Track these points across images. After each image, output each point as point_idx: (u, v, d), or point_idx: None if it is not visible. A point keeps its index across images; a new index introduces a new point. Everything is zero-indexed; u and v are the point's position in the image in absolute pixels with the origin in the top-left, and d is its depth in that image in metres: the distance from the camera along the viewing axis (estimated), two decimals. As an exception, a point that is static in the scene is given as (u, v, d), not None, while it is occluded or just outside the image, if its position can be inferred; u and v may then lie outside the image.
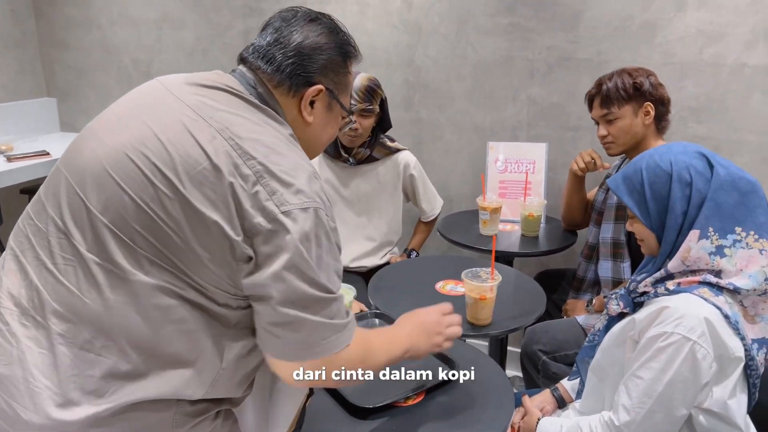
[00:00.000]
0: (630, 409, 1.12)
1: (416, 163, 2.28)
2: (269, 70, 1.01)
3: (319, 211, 0.90)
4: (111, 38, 3.14)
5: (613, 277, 1.98)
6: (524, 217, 2.18)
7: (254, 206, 0.87)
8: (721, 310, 1.07)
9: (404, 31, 2.55)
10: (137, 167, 0.89)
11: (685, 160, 1.13)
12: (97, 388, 0.88)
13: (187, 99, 0.95)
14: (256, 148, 0.90)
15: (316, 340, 0.92)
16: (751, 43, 2.05)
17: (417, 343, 1.13)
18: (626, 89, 1.82)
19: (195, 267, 0.89)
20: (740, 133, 2.14)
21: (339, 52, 1.04)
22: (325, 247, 0.91)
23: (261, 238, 0.87)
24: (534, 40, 2.35)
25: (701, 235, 1.11)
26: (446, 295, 1.71)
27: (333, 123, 1.10)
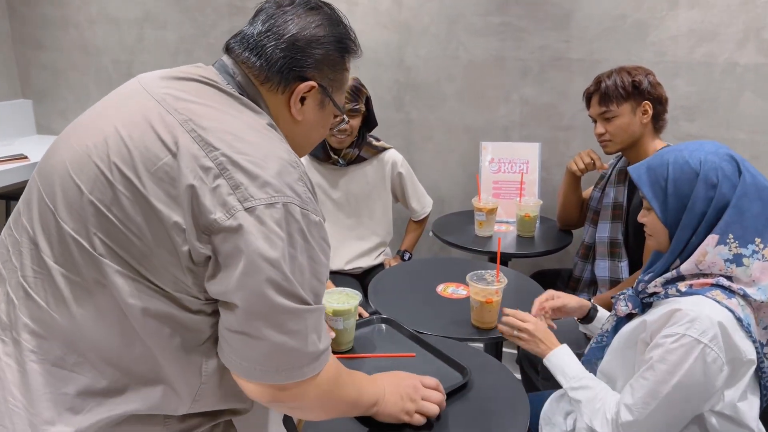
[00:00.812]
0: (633, 408, 1.11)
1: (403, 161, 2.25)
2: (258, 64, 0.92)
3: (290, 206, 0.80)
4: (90, 38, 3.05)
5: (610, 277, 1.97)
6: (520, 217, 2.16)
7: (214, 201, 0.78)
8: (734, 313, 1.06)
9: (394, 31, 2.52)
10: (98, 168, 0.83)
11: (715, 161, 1.11)
12: (72, 406, 0.84)
13: (155, 92, 0.88)
14: (221, 138, 0.82)
15: (275, 364, 0.83)
16: (742, 43, 2.07)
17: (388, 401, 1.04)
18: (625, 87, 1.81)
19: (160, 274, 0.82)
20: (732, 131, 2.15)
21: (337, 47, 0.95)
22: (300, 247, 0.81)
23: (220, 237, 0.78)
24: (526, 40, 2.34)
25: (720, 240, 1.09)
26: (448, 299, 1.68)
27: (324, 122, 1.02)
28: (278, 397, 0.87)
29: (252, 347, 0.82)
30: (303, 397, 0.88)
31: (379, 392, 1.04)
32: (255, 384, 0.85)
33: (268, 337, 0.80)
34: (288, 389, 0.86)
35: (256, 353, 0.82)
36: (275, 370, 0.83)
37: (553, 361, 1.32)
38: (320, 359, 0.87)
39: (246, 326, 0.81)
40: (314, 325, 0.85)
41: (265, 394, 0.86)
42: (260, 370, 0.83)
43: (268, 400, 0.87)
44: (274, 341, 0.81)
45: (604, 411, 1.18)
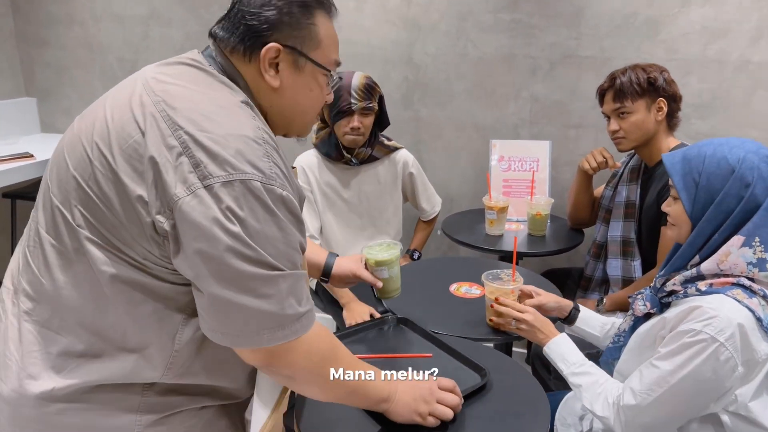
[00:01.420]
0: (637, 393, 1.11)
1: (414, 161, 2.24)
2: (224, 36, 0.96)
3: (250, 183, 0.83)
4: (94, 35, 3.03)
5: (623, 276, 1.96)
6: (531, 216, 2.15)
7: (176, 178, 0.83)
8: (754, 312, 1.05)
9: (403, 28, 2.50)
10: (83, 147, 0.91)
11: (754, 161, 1.10)
12: (54, 365, 0.91)
13: (147, 77, 0.94)
14: (188, 117, 0.86)
15: (255, 326, 0.86)
16: (755, 40, 2.05)
17: (400, 400, 1.04)
18: (640, 84, 1.79)
19: (129, 244, 0.87)
20: (744, 129, 2.14)
21: (295, 3, 0.95)
22: (264, 220, 0.84)
23: (180, 212, 0.82)
24: (536, 37, 2.32)
25: (745, 242, 1.08)
26: (462, 298, 1.67)
27: (313, 85, 1.00)
28: (270, 362, 0.90)
29: (229, 315, 0.85)
30: (293, 365, 0.91)
31: (392, 390, 1.04)
32: (247, 350, 0.89)
33: (243, 302, 0.84)
34: (278, 355, 0.89)
35: (235, 320, 0.85)
36: (256, 332, 0.86)
37: (553, 348, 1.34)
38: (301, 321, 0.89)
39: (219, 295, 0.84)
40: (291, 289, 0.87)
41: (258, 359, 0.90)
42: (243, 337, 0.86)
43: (262, 365, 0.91)
44: (249, 306, 0.84)
45: (606, 395, 1.19)
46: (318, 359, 0.94)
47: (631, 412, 1.13)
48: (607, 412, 1.17)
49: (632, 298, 1.27)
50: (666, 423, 1.12)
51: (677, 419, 1.12)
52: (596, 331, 1.48)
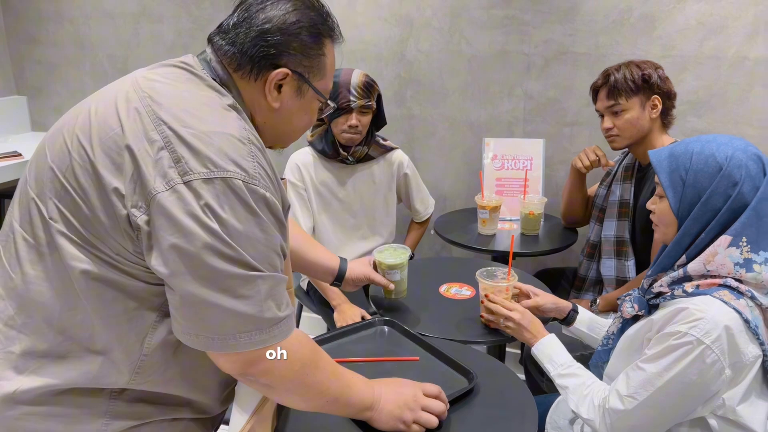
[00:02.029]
0: (624, 396, 1.09)
1: (409, 161, 2.22)
2: (231, 52, 0.94)
3: (231, 181, 0.82)
4: (85, 33, 2.99)
5: (617, 276, 1.93)
6: (524, 215, 2.12)
7: (155, 172, 0.81)
8: (741, 314, 1.02)
9: (395, 25, 2.47)
10: (63, 139, 0.90)
11: (742, 159, 1.07)
12: (16, 365, 0.88)
13: (137, 74, 0.93)
14: (172, 113, 0.85)
15: (232, 329, 0.83)
16: (751, 36, 2.02)
17: (383, 408, 1.02)
18: (635, 81, 1.76)
19: (103, 239, 0.85)
20: (740, 126, 2.11)
21: (310, 33, 0.96)
22: (244, 219, 0.83)
23: (157, 207, 0.80)
24: (530, 34, 2.29)
25: (732, 242, 1.06)
26: (451, 299, 1.64)
27: (308, 109, 1.02)
28: (248, 370, 0.87)
29: (204, 315, 0.82)
30: (271, 373, 0.88)
31: (375, 397, 1.02)
32: (223, 356, 0.86)
33: (220, 302, 0.81)
34: (255, 362, 0.87)
35: (210, 321, 0.83)
36: (232, 335, 0.83)
37: (541, 349, 1.32)
38: (280, 327, 0.87)
39: (194, 293, 0.81)
40: (270, 292, 0.85)
41: (234, 366, 0.87)
42: (218, 340, 0.83)
43: (239, 373, 0.88)
44: (226, 306, 0.82)
45: (592, 397, 1.17)
46: (298, 367, 0.91)
47: (616, 415, 1.10)
48: (592, 415, 1.15)
49: (620, 300, 1.25)
50: (652, 426, 1.10)
51: (664, 423, 1.09)
52: (594, 333, 1.46)
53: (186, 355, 0.92)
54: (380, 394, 1.03)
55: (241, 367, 0.87)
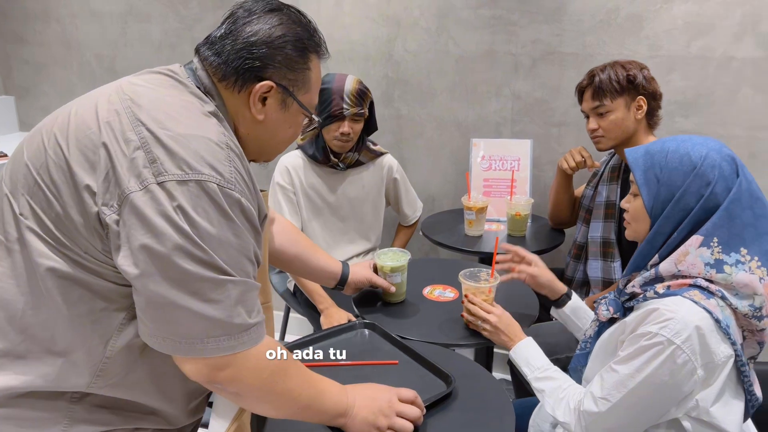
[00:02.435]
0: (598, 398, 1.09)
1: (398, 166, 2.21)
2: (216, 63, 0.95)
3: (206, 185, 0.81)
4: (72, 32, 2.97)
5: (603, 277, 1.92)
6: (511, 216, 2.10)
7: (130, 172, 0.81)
8: (712, 314, 1.02)
9: (383, 25, 2.45)
10: (41, 137, 0.90)
11: (716, 159, 1.06)
12: None
13: (120, 82, 0.94)
14: (151, 115, 0.85)
15: (200, 333, 0.82)
16: (738, 36, 2.01)
17: (357, 415, 1.00)
18: (620, 81, 1.75)
19: (73, 236, 0.85)
20: (728, 127, 2.10)
21: (296, 47, 0.96)
22: (218, 223, 0.82)
23: (129, 207, 0.80)
24: (517, 34, 2.28)
25: (704, 242, 1.05)
26: (435, 301, 1.62)
27: (292, 123, 1.03)
28: (215, 377, 0.86)
29: (173, 319, 0.81)
30: (240, 381, 0.87)
31: (349, 403, 1.01)
32: (190, 362, 0.84)
33: (188, 305, 0.80)
34: (222, 369, 0.85)
35: (179, 325, 0.81)
36: (200, 340, 0.82)
37: (518, 352, 1.33)
38: (249, 334, 0.86)
39: (163, 295, 0.80)
40: (240, 298, 0.84)
41: (201, 373, 0.85)
42: (186, 344, 0.82)
43: (206, 380, 0.86)
44: (195, 310, 0.81)
45: (568, 400, 1.17)
46: (267, 375, 0.90)
47: (591, 418, 1.10)
48: (568, 418, 1.15)
49: (596, 304, 1.24)
50: (627, 428, 1.09)
51: (638, 424, 1.08)
52: (581, 323, 1.45)
53: (151, 360, 0.91)
54: (354, 400, 1.02)
55: (207, 373, 0.85)
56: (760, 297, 1.04)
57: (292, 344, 1.35)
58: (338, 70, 2.53)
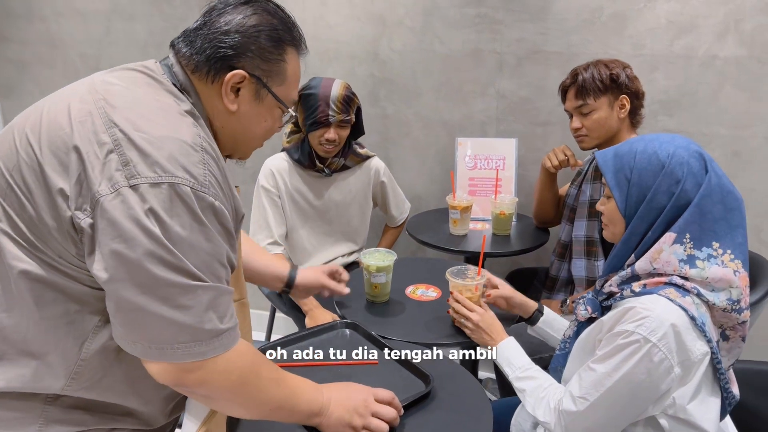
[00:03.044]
0: (576, 398, 1.09)
1: (385, 169, 2.21)
2: (188, 54, 0.94)
3: (179, 187, 0.80)
4: (56, 31, 2.95)
5: (587, 276, 1.92)
6: (495, 215, 2.10)
7: (102, 175, 0.79)
8: (687, 311, 1.02)
9: (368, 23, 2.45)
10: (13, 138, 0.88)
11: (683, 157, 1.06)
12: None
13: (95, 78, 0.92)
14: (125, 117, 0.83)
15: (169, 339, 0.81)
16: (721, 35, 2.02)
17: (332, 413, 0.99)
18: (603, 80, 1.75)
19: (46, 240, 0.84)
20: (711, 126, 2.11)
21: (270, 37, 0.95)
22: (189, 227, 0.81)
23: (101, 210, 0.79)
24: (502, 33, 2.28)
25: (677, 239, 1.05)
26: (417, 301, 1.62)
27: (267, 116, 1.01)
28: (183, 380, 0.85)
29: (143, 324, 0.81)
30: (209, 384, 0.86)
31: (324, 402, 1.00)
32: (157, 364, 0.84)
33: (158, 311, 0.80)
34: (191, 372, 0.84)
35: (149, 330, 0.81)
36: (169, 345, 0.82)
37: (500, 352, 1.33)
38: (221, 339, 0.85)
39: (133, 301, 0.79)
40: (211, 303, 0.83)
41: (168, 376, 0.85)
42: (156, 348, 0.82)
43: (174, 383, 0.86)
44: (164, 316, 0.80)
45: (548, 400, 1.17)
46: (236, 377, 0.88)
47: (570, 417, 1.10)
48: (548, 417, 1.15)
49: (575, 303, 1.24)
50: (605, 427, 1.09)
51: (617, 423, 1.08)
52: (558, 334, 1.45)
53: (127, 363, 0.90)
54: (329, 399, 1.01)
55: (175, 377, 0.85)
56: (736, 290, 1.04)
57: (273, 344, 1.34)
58: (323, 69, 2.53)
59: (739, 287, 1.05)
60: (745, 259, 1.06)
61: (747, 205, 2.11)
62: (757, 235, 2.13)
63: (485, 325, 1.37)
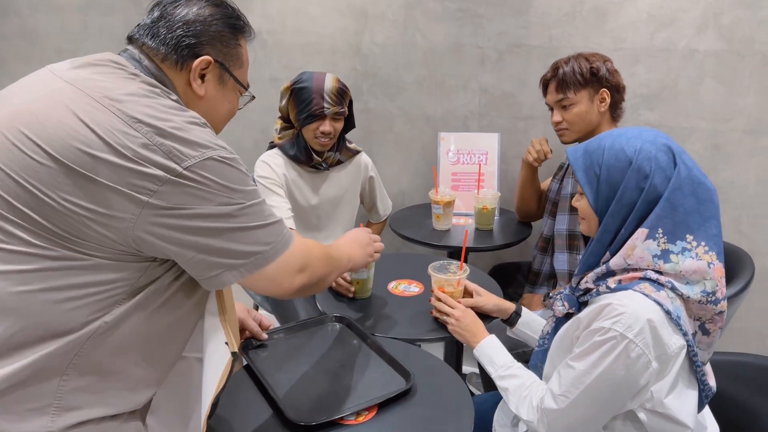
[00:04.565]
0: (557, 395, 1.09)
1: (372, 164, 2.20)
2: (154, 44, 0.99)
3: (218, 154, 0.89)
4: (32, 25, 2.89)
5: (569, 270, 1.93)
6: (478, 210, 2.10)
7: (151, 163, 0.84)
8: (662, 306, 1.02)
9: (350, 17, 2.43)
10: (7, 139, 0.86)
11: (651, 151, 1.06)
12: None
13: (64, 75, 0.92)
14: (139, 110, 0.87)
15: (264, 244, 0.94)
16: (701, 28, 2.03)
17: (354, 254, 1.29)
18: (583, 74, 1.75)
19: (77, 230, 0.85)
20: (692, 119, 2.12)
21: (226, 24, 1.04)
22: (237, 178, 0.91)
23: (166, 195, 0.85)
24: (484, 26, 2.27)
25: (649, 235, 1.05)
26: (399, 296, 1.61)
27: (230, 98, 1.09)
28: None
29: (231, 239, 0.91)
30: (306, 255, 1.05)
31: (346, 250, 1.27)
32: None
33: (240, 228, 0.92)
34: None
35: (241, 246, 0.92)
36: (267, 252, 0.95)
37: (481, 351, 1.32)
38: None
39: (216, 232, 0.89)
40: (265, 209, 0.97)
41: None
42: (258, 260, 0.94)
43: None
44: (246, 229, 0.93)
45: (531, 398, 1.17)
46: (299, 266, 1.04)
47: (552, 415, 1.10)
48: (531, 416, 1.14)
49: (552, 299, 1.24)
50: (587, 424, 1.09)
51: (598, 419, 1.08)
52: (537, 335, 1.45)
53: (117, 342, 0.91)
54: (345, 245, 1.30)
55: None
56: (711, 281, 1.04)
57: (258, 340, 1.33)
58: (305, 62, 2.51)
59: (714, 279, 1.04)
60: (720, 250, 1.06)
61: (726, 197, 2.14)
62: (737, 227, 2.14)
63: (466, 323, 1.37)
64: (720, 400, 1.26)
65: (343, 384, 1.17)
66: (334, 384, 1.17)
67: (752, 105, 2.03)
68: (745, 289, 1.61)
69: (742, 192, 2.11)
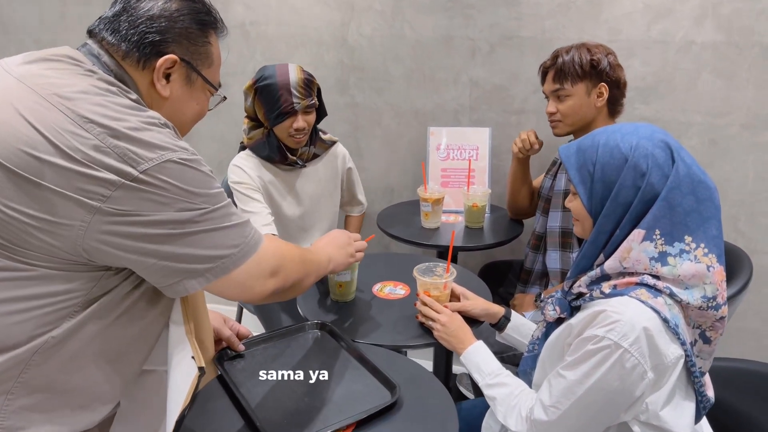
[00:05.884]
0: (547, 407, 1.03)
1: (349, 154, 2.11)
2: (114, 40, 0.92)
3: (177, 156, 0.83)
4: (8, 15, 2.79)
5: (561, 268, 1.87)
6: (468, 207, 2.03)
7: (103, 167, 0.78)
8: (659, 313, 0.96)
9: (336, 8, 2.34)
10: None
11: (647, 148, 0.99)
12: None
13: (14, 71, 0.86)
14: (91, 109, 0.81)
15: (230, 246, 0.89)
16: (698, 20, 1.96)
17: (335, 255, 1.26)
18: (582, 65, 1.68)
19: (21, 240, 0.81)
20: (688, 114, 2.05)
21: (194, 20, 0.96)
22: (199, 181, 0.85)
23: (120, 200, 0.79)
24: (475, 18, 2.19)
25: (646, 236, 0.98)
26: (384, 299, 1.54)
27: (199, 99, 1.03)
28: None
29: (193, 244, 0.85)
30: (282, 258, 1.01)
31: (326, 251, 1.25)
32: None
33: (203, 231, 0.86)
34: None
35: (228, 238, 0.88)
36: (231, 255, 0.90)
37: (468, 358, 1.27)
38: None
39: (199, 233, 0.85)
40: (230, 211, 0.91)
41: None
42: (224, 263, 0.89)
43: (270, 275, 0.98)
44: (210, 232, 0.87)
45: (519, 408, 1.11)
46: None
47: (542, 427, 1.04)
48: (520, 427, 1.08)
49: (543, 302, 1.17)
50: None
51: (590, 430, 1.02)
52: (526, 339, 1.39)
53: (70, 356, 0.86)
54: (327, 251, 1.25)
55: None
56: (711, 285, 0.98)
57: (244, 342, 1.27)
58: (290, 55, 2.42)
59: (714, 283, 0.98)
60: (721, 252, 1.00)
61: (723, 194, 2.07)
62: (734, 225, 2.09)
63: (452, 330, 1.30)
64: (716, 407, 1.20)
65: (323, 397, 1.10)
66: (314, 398, 1.11)
67: (751, 99, 1.97)
68: (743, 290, 1.56)
69: (740, 189, 2.05)
